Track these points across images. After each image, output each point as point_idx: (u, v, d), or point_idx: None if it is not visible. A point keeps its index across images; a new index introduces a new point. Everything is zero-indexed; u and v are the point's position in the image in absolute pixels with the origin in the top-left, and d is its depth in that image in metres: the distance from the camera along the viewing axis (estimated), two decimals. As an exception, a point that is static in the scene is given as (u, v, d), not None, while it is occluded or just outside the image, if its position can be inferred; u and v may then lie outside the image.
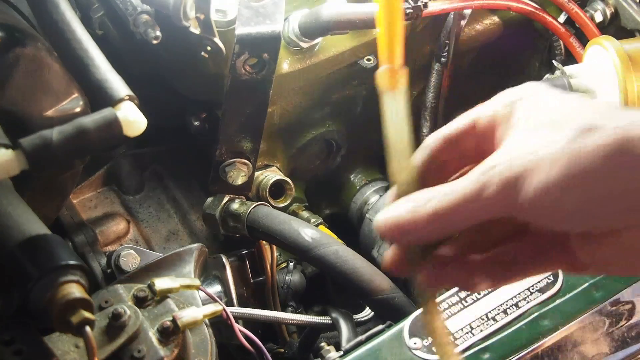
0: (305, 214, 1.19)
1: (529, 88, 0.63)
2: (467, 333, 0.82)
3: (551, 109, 0.60)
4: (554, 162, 0.55)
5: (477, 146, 0.65)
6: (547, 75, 1.23)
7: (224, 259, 1.03)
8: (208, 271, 1.03)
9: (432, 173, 0.66)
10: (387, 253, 0.68)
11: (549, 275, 0.86)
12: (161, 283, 0.81)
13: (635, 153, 0.54)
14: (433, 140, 0.66)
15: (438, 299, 0.66)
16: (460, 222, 0.61)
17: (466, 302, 0.85)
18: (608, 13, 1.21)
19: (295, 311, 1.09)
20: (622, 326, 0.83)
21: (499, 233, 0.68)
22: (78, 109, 0.84)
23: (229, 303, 1.00)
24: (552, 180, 0.55)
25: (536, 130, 0.58)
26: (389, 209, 0.63)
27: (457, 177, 0.65)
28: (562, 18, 1.24)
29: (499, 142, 0.62)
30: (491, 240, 0.68)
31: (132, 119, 0.75)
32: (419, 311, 0.67)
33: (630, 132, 0.55)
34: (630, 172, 0.54)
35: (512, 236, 0.67)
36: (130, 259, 1.03)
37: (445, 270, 0.64)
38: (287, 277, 1.10)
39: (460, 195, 0.59)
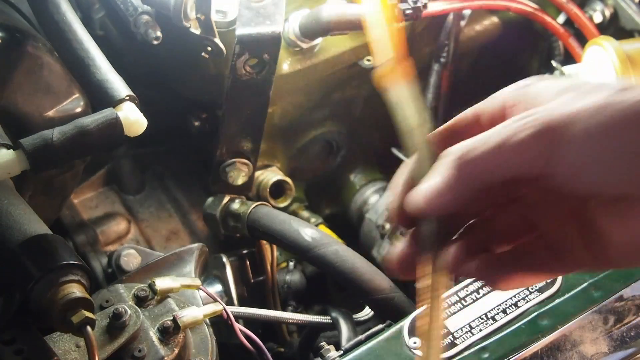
0: (306, 213, 1.19)
1: (534, 77, 0.59)
2: (466, 332, 0.82)
3: (572, 81, 0.56)
4: (596, 111, 0.51)
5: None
6: (546, 76, 1.23)
7: (225, 259, 1.04)
8: (208, 271, 1.04)
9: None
10: (394, 249, 0.62)
11: (549, 275, 0.86)
12: (162, 283, 0.81)
13: None
14: (456, 118, 0.61)
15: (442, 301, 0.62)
16: (493, 172, 0.54)
17: (465, 301, 0.85)
18: (607, 14, 1.21)
19: (295, 311, 1.09)
20: (621, 326, 0.83)
21: (514, 227, 0.61)
22: (79, 109, 0.84)
23: (229, 302, 1.00)
24: (593, 127, 0.51)
25: (568, 91, 0.55)
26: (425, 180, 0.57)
27: None
28: (561, 19, 1.24)
29: None
30: (509, 234, 0.61)
31: (133, 119, 0.75)
32: (421, 309, 0.63)
33: None
34: None
35: (529, 231, 0.61)
36: (131, 259, 1.03)
37: (469, 258, 0.58)
38: (287, 277, 1.10)
39: (495, 139, 0.53)
